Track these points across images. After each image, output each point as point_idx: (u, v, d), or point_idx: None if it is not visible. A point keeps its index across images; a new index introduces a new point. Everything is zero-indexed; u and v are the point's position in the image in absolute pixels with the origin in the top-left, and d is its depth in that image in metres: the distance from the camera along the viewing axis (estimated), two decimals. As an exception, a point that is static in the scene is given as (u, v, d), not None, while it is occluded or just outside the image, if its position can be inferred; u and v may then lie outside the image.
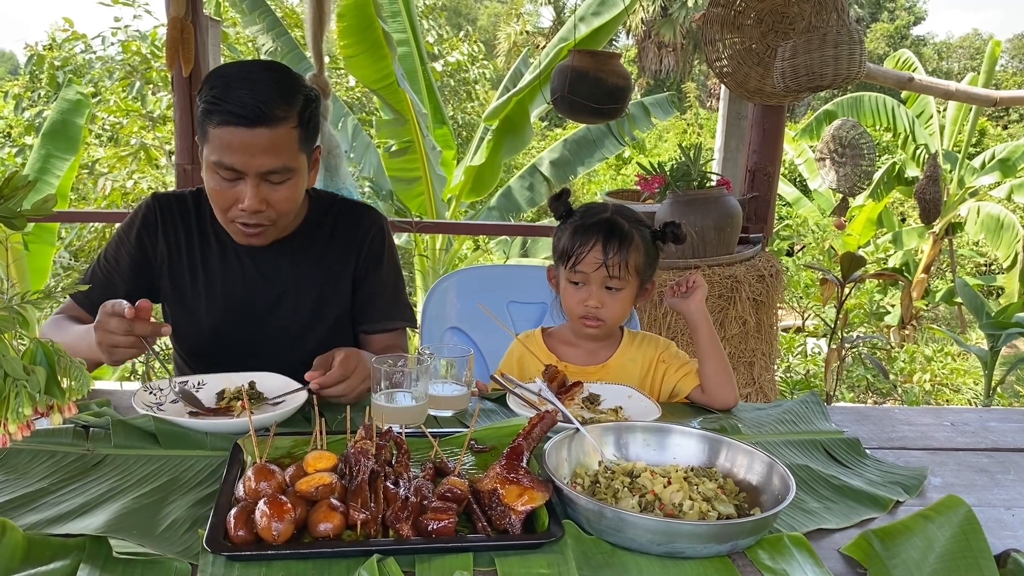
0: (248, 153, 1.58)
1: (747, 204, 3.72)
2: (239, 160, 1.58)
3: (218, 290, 1.82)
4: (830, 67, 2.97)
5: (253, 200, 1.62)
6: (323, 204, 1.90)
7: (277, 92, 1.59)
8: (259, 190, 1.62)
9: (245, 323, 1.83)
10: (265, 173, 1.61)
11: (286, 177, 1.64)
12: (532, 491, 1.10)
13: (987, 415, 1.81)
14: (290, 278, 1.84)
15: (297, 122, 1.62)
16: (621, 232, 1.75)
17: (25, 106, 8.92)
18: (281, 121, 1.59)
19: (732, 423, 1.57)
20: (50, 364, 0.87)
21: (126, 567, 0.97)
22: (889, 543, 1.08)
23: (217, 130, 1.58)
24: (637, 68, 20.55)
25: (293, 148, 1.63)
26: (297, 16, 9.71)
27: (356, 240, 1.89)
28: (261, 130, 1.57)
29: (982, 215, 8.58)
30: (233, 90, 1.57)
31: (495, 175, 7.39)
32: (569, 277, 1.79)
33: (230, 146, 1.58)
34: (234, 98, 1.56)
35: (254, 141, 1.57)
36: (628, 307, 1.82)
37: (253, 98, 1.56)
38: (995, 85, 10.10)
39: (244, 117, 1.55)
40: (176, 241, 1.83)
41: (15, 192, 0.83)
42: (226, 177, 1.62)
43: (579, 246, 1.75)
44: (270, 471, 1.12)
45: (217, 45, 3.88)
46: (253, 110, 1.55)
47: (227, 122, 1.56)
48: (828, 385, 4.91)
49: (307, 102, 1.66)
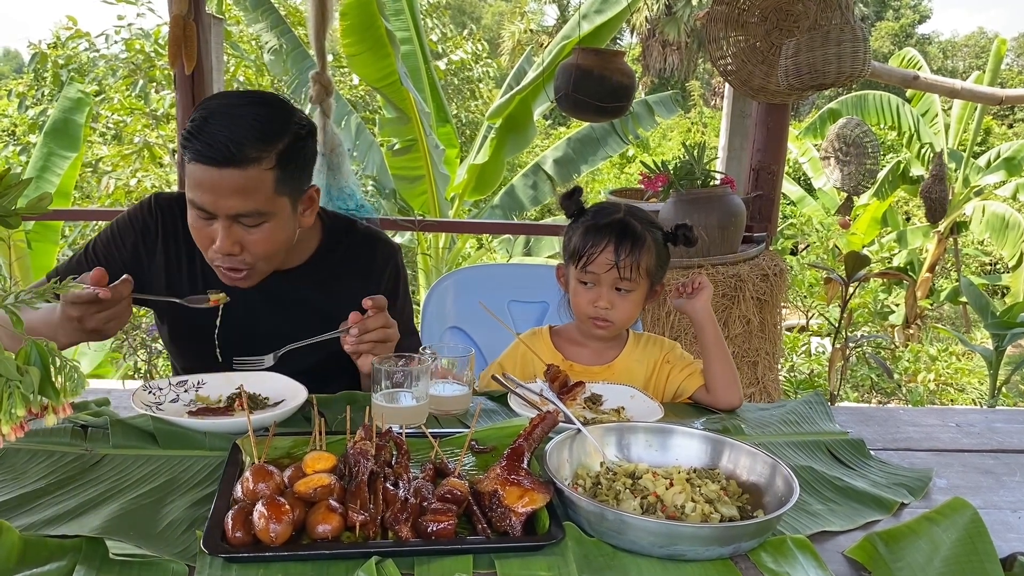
0: (216, 193, 1.50)
1: (751, 203, 3.70)
2: (208, 200, 1.51)
3: (221, 315, 1.72)
4: (834, 65, 2.96)
5: (224, 242, 1.54)
6: (337, 232, 1.83)
7: (255, 131, 1.49)
8: (231, 232, 1.54)
9: (247, 343, 1.73)
10: (235, 216, 1.53)
11: (259, 221, 1.55)
12: (533, 492, 1.09)
13: (993, 416, 1.80)
14: (297, 305, 1.77)
15: (275, 163, 1.52)
16: (634, 234, 1.74)
17: (29, 104, 8.95)
18: (253, 163, 1.49)
19: (735, 424, 1.56)
20: (44, 364, 0.86)
21: (122, 568, 0.96)
22: (894, 546, 1.06)
23: (190, 166, 1.51)
24: (641, 66, 20.54)
25: (267, 191, 1.53)
26: (300, 14, 9.71)
27: (372, 274, 1.83)
28: (230, 171, 1.48)
29: (987, 214, 8.56)
30: (209, 124, 1.48)
31: (498, 174, 7.39)
32: (579, 277, 1.78)
33: (200, 184, 1.51)
34: (207, 134, 1.48)
35: (222, 182, 1.49)
36: (638, 309, 1.81)
37: (225, 136, 1.47)
38: (1000, 83, 10.07)
39: (212, 157, 1.47)
40: (177, 254, 1.75)
41: (8, 190, 0.82)
42: (200, 215, 1.55)
43: (591, 246, 1.74)
44: (268, 472, 1.11)
45: (220, 43, 3.88)
46: (222, 150, 1.47)
47: (197, 159, 1.49)
48: (832, 385, 4.89)
49: (294, 140, 1.56)
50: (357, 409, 1.37)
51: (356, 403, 1.52)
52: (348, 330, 1.54)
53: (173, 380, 1.57)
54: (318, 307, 1.75)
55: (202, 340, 1.73)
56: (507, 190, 7.73)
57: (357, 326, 1.53)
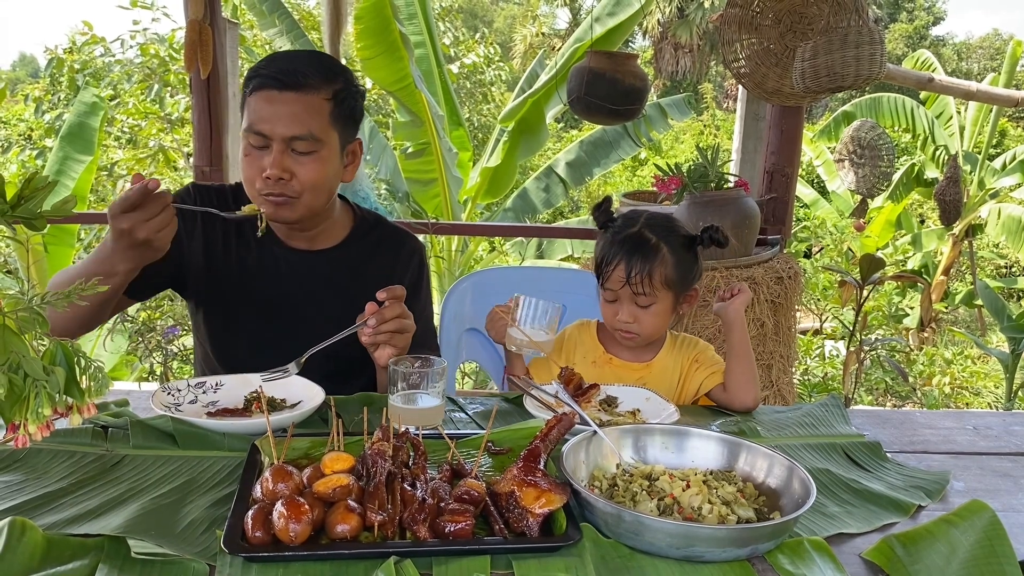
0: (276, 116, 1.60)
1: (765, 205, 3.69)
2: (266, 124, 1.60)
3: (255, 291, 1.79)
4: (851, 68, 2.95)
5: (276, 167, 1.60)
6: (368, 222, 1.90)
7: (315, 65, 1.64)
8: (284, 158, 1.61)
9: (279, 326, 1.80)
10: (290, 139, 1.60)
11: (312, 148, 1.62)
12: (550, 493, 1.10)
13: (1010, 419, 1.79)
14: (328, 286, 1.81)
15: (331, 96, 1.64)
16: (645, 248, 1.75)
17: (45, 109, 9.02)
18: (312, 89, 1.61)
19: (751, 426, 1.56)
20: (69, 365, 0.87)
21: (144, 567, 0.97)
22: (912, 548, 1.06)
23: (251, 97, 1.62)
24: (654, 69, 20.51)
25: (322, 119, 1.63)
26: (314, 18, 9.76)
27: (399, 264, 1.88)
28: (290, 94, 1.60)
29: (1003, 217, 8.50)
30: (275, 61, 1.65)
31: (511, 176, 7.40)
32: (603, 292, 1.81)
33: (260, 110, 1.61)
34: (273, 65, 1.62)
35: (283, 105, 1.60)
36: (663, 320, 1.82)
37: (290, 65, 1.61)
38: (1016, 85, 9.99)
39: (276, 79, 1.60)
40: (214, 238, 1.79)
41: (35, 193, 0.84)
42: (254, 144, 1.62)
43: (606, 263, 1.78)
44: (287, 472, 1.11)
45: (235, 48, 3.91)
46: (286, 73, 1.60)
47: (261, 86, 1.61)
48: (846, 388, 4.87)
49: (347, 86, 1.68)
50: (374, 410, 1.38)
51: (373, 404, 1.52)
52: (366, 322, 1.55)
53: (192, 381, 1.58)
54: (346, 289, 1.79)
55: (231, 319, 1.82)
56: (519, 193, 7.74)
57: (374, 316, 1.54)
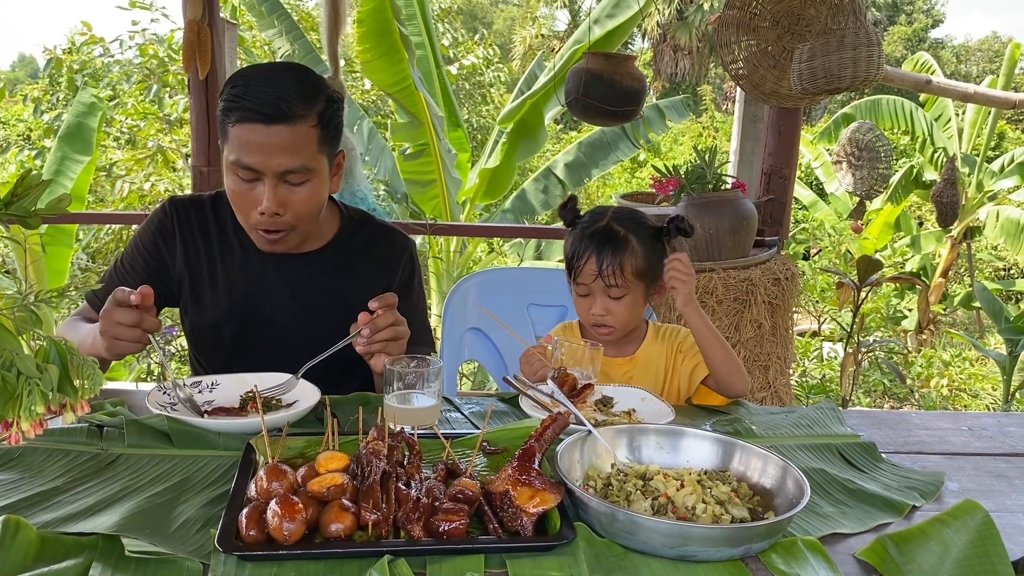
0: (266, 151, 1.55)
1: (763, 207, 3.70)
2: (256, 159, 1.56)
3: (239, 297, 1.78)
4: (848, 69, 2.96)
5: (271, 202, 1.58)
6: (354, 222, 1.88)
7: (297, 90, 1.57)
8: (277, 191, 1.59)
9: (265, 332, 1.79)
10: (283, 173, 1.58)
11: (305, 178, 1.61)
12: (544, 493, 1.10)
13: (1005, 420, 1.79)
14: (317, 289, 1.80)
15: (317, 121, 1.59)
16: (615, 240, 1.76)
17: (44, 109, 9.02)
18: (300, 119, 1.56)
19: (746, 426, 1.56)
20: (63, 362, 0.87)
21: (138, 566, 0.97)
22: (905, 548, 1.06)
23: (235, 128, 1.56)
24: (652, 71, 20.50)
25: (312, 148, 1.60)
26: (313, 19, 9.77)
27: (389, 264, 1.87)
28: (279, 127, 1.54)
29: (1001, 219, 8.50)
30: (253, 87, 1.55)
31: (509, 178, 7.39)
32: (575, 288, 1.83)
33: (247, 144, 1.56)
34: (253, 95, 1.54)
35: (272, 139, 1.55)
36: (636, 311, 1.83)
37: (273, 95, 1.54)
38: (1015, 88, 10.00)
39: (262, 114, 1.53)
40: (195, 248, 1.79)
41: (28, 191, 0.84)
42: (244, 178, 1.59)
43: (576, 258, 1.79)
44: (282, 471, 1.11)
45: (234, 48, 3.91)
46: (272, 106, 1.53)
47: (245, 119, 1.54)
48: (844, 390, 4.87)
49: (328, 103, 1.63)
50: (370, 410, 1.38)
51: (369, 404, 1.52)
52: (360, 332, 1.55)
53: (187, 381, 1.58)
54: (335, 291, 1.79)
55: (217, 329, 1.80)
56: (518, 194, 7.73)
57: (368, 326, 1.54)
